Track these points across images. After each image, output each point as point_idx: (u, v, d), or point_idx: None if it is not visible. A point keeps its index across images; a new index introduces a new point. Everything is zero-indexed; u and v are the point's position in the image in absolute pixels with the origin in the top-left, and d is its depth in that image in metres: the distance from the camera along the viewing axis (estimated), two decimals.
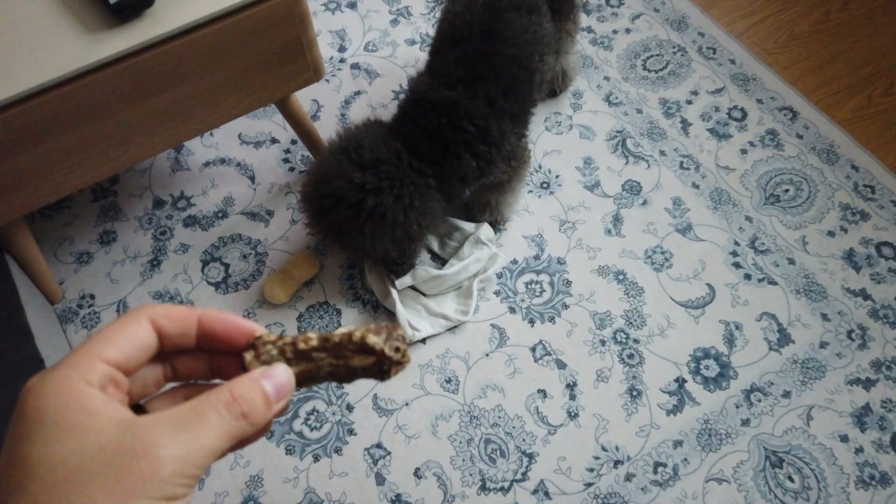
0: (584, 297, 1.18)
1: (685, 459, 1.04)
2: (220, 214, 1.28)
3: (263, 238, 1.25)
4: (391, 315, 1.14)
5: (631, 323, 1.15)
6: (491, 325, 1.15)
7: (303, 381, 0.28)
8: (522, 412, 1.08)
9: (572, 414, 1.07)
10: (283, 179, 1.32)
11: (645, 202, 1.27)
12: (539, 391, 1.09)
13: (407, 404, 1.09)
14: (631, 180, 1.30)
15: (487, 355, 1.12)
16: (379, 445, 1.06)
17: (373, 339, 0.27)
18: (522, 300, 1.17)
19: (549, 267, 1.21)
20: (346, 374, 0.28)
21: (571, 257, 1.22)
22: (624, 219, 1.25)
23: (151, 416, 0.23)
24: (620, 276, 1.19)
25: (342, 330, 0.28)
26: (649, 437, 1.06)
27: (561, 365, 1.11)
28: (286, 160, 1.34)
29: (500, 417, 1.07)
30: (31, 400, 0.22)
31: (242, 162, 1.34)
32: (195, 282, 1.21)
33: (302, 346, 0.27)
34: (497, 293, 1.18)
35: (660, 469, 1.03)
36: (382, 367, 0.28)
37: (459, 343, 1.14)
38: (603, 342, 1.13)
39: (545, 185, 1.29)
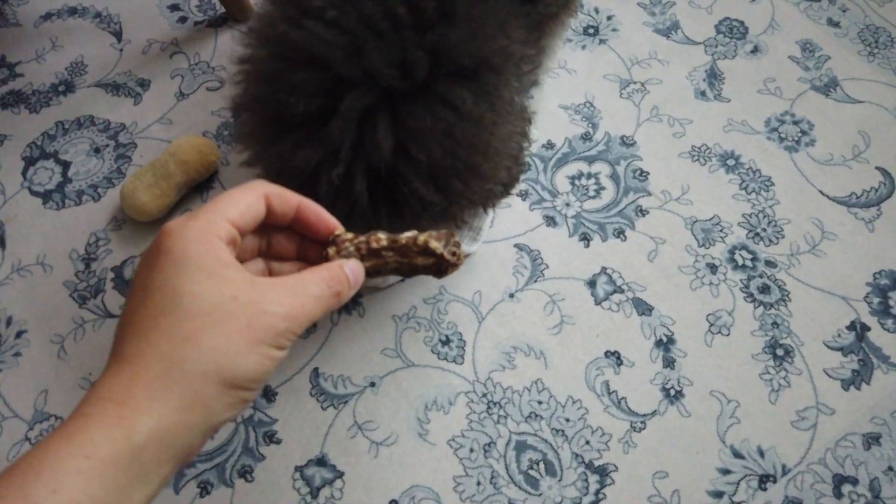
0: (672, 195, 0.69)
1: (890, 469, 0.56)
2: (61, 88, 0.78)
3: (130, 122, 0.76)
4: None
5: (758, 235, 0.67)
6: (516, 246, 0.67)
7: (372, 273, 0.32)
8: (582, 393, 0.59)
9: (671, 393, 0.59)
10: (169, 35, 0.82)
11: (756, 49, 0.79)
12: (609, 355, 0.61)
13: (373, 384, 0.60)
14: (729, 19, 0.81)
15: (512, 296, 0.64)
16: (321, 461, 0.57)
17: (434, 244, 0.31)
18: (567, 204, 0.69)
19: (609, 150, 0.72)
20: (409, 270, 0.32)
21: (644, 134, 0.73)
22: (725, 74, 0.77)
23: (269, 279, 0.27)
24: (730, 161, 0.71)
25: (408, 234, 0.32)
26: (817, 431, 0.58)
27: (643, 309, 0.63)
28: (174, 7, 0.85)
29: (540, 403, 0.59)
30: (176, 241, 0.26)
31: (105, 12, 0.85)
32: (10, 191, 0.72)
33: (374, 245, 0.31)
34: (524, 195, 0.70)
35: (846, 488, 0.55)
36: (440, 267, 0.32)
37: (464, 277, 0.65)
38: (713, 268, 0.65)
39: (591, 31, 0.81)
